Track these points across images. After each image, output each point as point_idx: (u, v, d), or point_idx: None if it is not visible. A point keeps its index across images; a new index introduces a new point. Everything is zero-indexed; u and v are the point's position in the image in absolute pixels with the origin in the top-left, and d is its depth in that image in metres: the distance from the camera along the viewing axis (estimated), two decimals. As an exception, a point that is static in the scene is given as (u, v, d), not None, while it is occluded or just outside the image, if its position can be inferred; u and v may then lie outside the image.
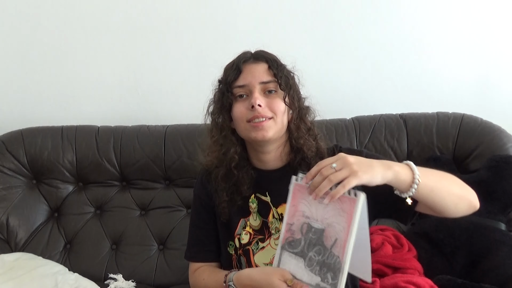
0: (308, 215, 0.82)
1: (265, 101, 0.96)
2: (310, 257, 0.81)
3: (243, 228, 1.05)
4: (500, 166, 1.43)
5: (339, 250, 0.77)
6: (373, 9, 1.73)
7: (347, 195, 0.77)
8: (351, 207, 0.77)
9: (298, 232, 0.84)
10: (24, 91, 1.82)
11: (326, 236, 0.80)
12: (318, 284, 0.79)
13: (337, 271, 0.77)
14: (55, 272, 1.45)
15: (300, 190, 0.84)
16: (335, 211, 0.79)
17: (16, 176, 1.63)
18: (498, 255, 1.30)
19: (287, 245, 0.85)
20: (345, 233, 0.77)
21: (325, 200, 0.78)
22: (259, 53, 1.02)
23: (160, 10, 1.75)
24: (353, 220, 0.76)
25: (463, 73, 1.76)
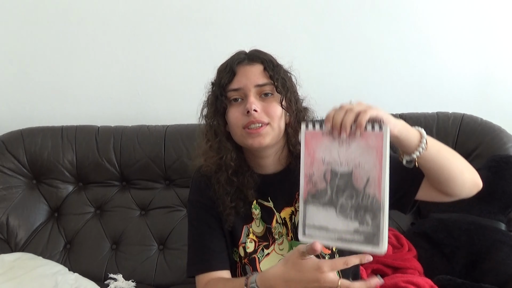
0: (330, 161, 0.77)
1: (261, 105, 0.92)
2: (341, 204, 0.76)
3: (247, 236, 1.00)
4: (500, 166, 1.43)
5: (374, 188, 0.73)
6: (373, 9, 1.72)
7: (370, 130, 0.74)
8: (379, 141, 0.73)
9: (321, 181, 0.78)
10: (24, 91, 1.82)
11: (355, 178, 0.75)
12: (357, 230, 0.75)
13: (377, 210, 0.73)
14: (55, 272, 1.45)
15: (313, 137, 0.79)
16: (361, 150, 0.75)
17: (16, 176, 1.63)
18: (498, 255, 1.30)
19: (311, 198, 0.79)
20: (377, 170, 0.73)
21: (356, 132, 0.74)
22: (254, 54, 0.97)
23: (160, 10, 1.75)
24: (383, 155, 0.73)
25: (463, 73, 1.76)
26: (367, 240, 0.74)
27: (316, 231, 0.79)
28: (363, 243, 0.74)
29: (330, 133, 0.77)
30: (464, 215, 1.41)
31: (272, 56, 0.98)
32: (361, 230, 0.74)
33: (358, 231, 0.75)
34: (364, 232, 0.74)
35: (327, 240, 0.78)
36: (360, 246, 0.74)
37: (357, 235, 0.75)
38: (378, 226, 0.73)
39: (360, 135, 0.74)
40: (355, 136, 0.75)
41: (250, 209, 1.00)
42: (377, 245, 0.73)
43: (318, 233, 0.78)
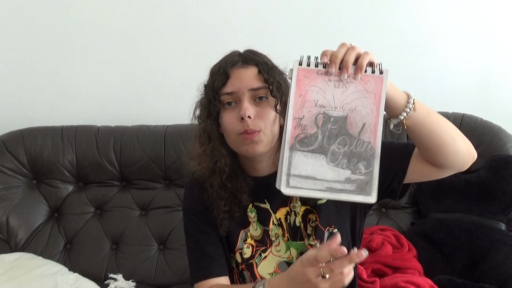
0: (323, 104, 0.72)
1: (254, 110, 0.89)
2: (333, 150, 0.72)
3: (244, 241, 0.99)
4: (500, 166, 1.43)
5: (370, 135, 0.71)
6: (373, 9, 1.73)
7: (370, 73, 0.72)
8: (378, 86, 0.71)
9: (312, 125, 0.72)
10: (24, 91, 1.82)
11: (350, 123, 0.72)
12: (349, 178, 0.72)
13: (371, 157, 0.71)
14: (55, 272, 1.45)
15: (306, 76, 0.73)
16: (358, 94, 0.72)
17: (16, 176, 1.63)
18: (498, 255, 1.30)
19: (299, 144, 0.73)
20: (374, 116, 0.71)
21: (356, 74, 0.71)
22: (248, 56, 0.93)
23: (160, 10, 1.75)
24: (381, 100, 0.71)
25: (463, 73, 1.76)
26: (359, 190, 0.71)
27: (302, 181, 0.72)
28: (354, 192, 0.72)
29: (327, 72, 0.72)
30: (464, 215, 1.41)
31: (267, 57, 0.96)
32: (353, 179, 0.72)
33: (350, 180, 0.72)
34: (356, 181, 0.71)
35: (314, 191, 0.73)
36: (350, 195, 0.72)
37: (348, 184, 0.72)
38: (371, 174, 0.71)
39: (359, 77, 0.72)
40: (354, 78, 0.72)
41: (246, 213, 0.99)
42: (369, 194, 0.71)
43: (304, 183, 0.72)
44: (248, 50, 0.97)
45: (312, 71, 0.73)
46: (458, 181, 1.46)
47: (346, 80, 0.72)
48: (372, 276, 1.29)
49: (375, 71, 0.72)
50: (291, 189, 0.72)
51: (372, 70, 0.72)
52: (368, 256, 1.37)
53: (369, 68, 0.72)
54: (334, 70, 0.72)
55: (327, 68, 0.73)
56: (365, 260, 1.34)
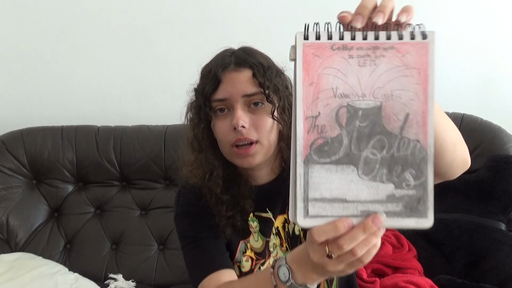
0: (345, 92, 0.50)
1: (249, 118, 0.81)
2: (366, 158, 0.51)
3: (243, 253, 0.91)
4: (500, 166, 1.43)
5: (417, 129, 0.50)
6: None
7: (408, 40, 0.50)
8: (422, 57, 0.50)
9: (333, 125, 0.51)
10: (24, 91, 1.82)
11: (387, 116, 0.51)
12: (392, 195, 0.51)
13: (422, 162, 0.50)
14: (55, 272, 1.45)
15: (318, 54, 0.51)
16: (395, 71, 0.50)
17: (16, 176, 1.63)
18: (498, 255, 1.30)
19: (316, 154, 0.51)
20: (420, 101, 0.50)
21: (392, 35, 0.49)
22: (241, 57, 0.84)
23: (160, 10, 1.75)
24: (429, 77, 0.50)
25: (463, 73, 1.76)
26: (408, 210, 0.51)
27: (326, 206, 0.51)
28: (402, 214, 0.51)
29: (346, 46, 0.50)
30: (464, 215, 1.41)
31: (263, 56, 0.87)
32: (398, 196, 0.51)
33: (394, 197, 0.51)
34: (403, 198, 0.50)
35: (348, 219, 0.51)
36: (397, 220, 0.51)
37: (392, 204, 0.51)
38: (424, 186, 0.50)
39: (395, 43, 0.50)
40: (385, 48, 0.50)
41: (247, 222, 0.91)
42: (424, 216, 0.51)
43: (330, 209, 0.51)
44: (242, 49, 0.88)
45: (324, 46, 0.51)
46: (458, 181, 1.45)
47: (375, 53, 0.50)
48: (372, 276, 1.29)
49: (415, 36, 0.50)
50: (312, 220, 0.51)
51: (411, 35, 0.50)
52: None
53: (407, 33, 0.50)
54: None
55: (344, 34, 0.50)
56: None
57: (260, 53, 0.88)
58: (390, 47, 0.50)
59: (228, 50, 0.88)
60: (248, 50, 0.88)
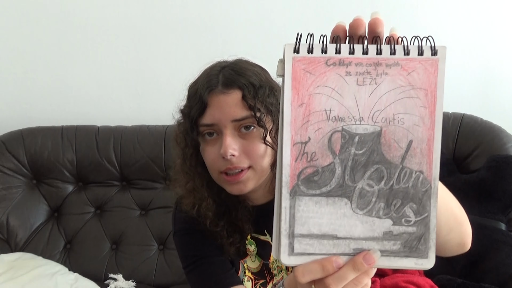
0: (340, 114, 0.44)
1: (240, 144, 0.75)
2: (361, 190, 0.45)
3: (244, 273, 0.89)
4: (500, 166, 1.43)
5: (421, 159, 0.44)
6: (373, 8, 1.72)
7: (415, 55, 0.44)
8: (431, 76, 0.44)
9: (325, 152, 0.44)
10: (24, 91, 1.82)
11: (387, 143, 0.44)
12: (390, 232, 0.45)
13: (424, 197, 0.44)
14: (55, 272, 1.45)
15: (309, 70, 0.44)
16: (398, 92, 0.44)
17: (16, 176, 1.63)
18: (498, 255, 1.29)
19: (304, 185, 0.45)
20: (426, 127, 0.44)
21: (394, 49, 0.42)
22: (230, 77, 0.77)
23: (160, 11, 1.75)
24: (438, 99, 0.44)
25: (463, 73, 1.76)
26: (408, 249, 0.45)
27: (314, 243, 0.45)
28: (400, 254, 0.45)
29: (343, 61, 0.43)
30: (464, 215, 1.41)
31: (254, 73, 0.79)
32: (396, 233, 0.45)
33: (392, 234, 0.45)
34: (401, 236, 0.45)
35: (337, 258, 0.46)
36: (394, 259, 0.45)
37: (389, 242, 0.45)
38: (426, 223, 0.45)
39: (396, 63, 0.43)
40: (389, 64, 0.43)
41: (244, 244, 0.87)
42: (424, 256, 0.45)
43: (318, 247, 0.45)
44: (232, 66, 0.80)
45: (317, 61, 0.44)
46: (458, 181, 1.46)
47: (377, 70, 0.43)
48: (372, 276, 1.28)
49: (423, 52, 0.44)
50: (298, 258, 0.45)
51: (419, 49, 0.44)
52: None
53: (414, 48, 0.44)
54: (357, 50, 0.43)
55: (339, 48, 0.43)
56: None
57: (252, 69, 0.80)
58: (394, 64, 0.44)
59: (216, 67, 0.81)
60: (238, 66, 0.80)
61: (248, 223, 0.84)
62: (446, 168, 1.50)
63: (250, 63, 0.82)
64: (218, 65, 0.81)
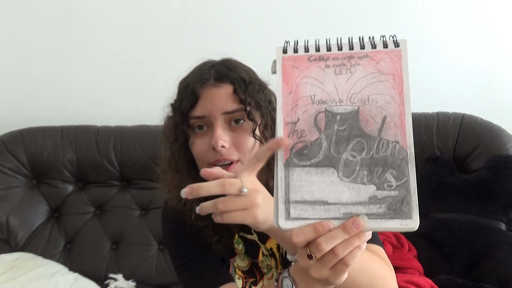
0: (323, 98, 0.53)
1: (230, 136, 0.77)
2: (345, 160, 0.51)
3: (234, 271, 0.89)
4: (500, 166, 1.43)
5: (395, 131, 0.51)
6: (373, 8, 1.73)
7: (381, 48, 0.55)
8: (396, 64, 0.54)
9: (312, 129, 0.53)
10: (24, 91, 1.82)
11: (364, 119, 0.52)
12: (375, 196, 0.50)
13: (402, 163, 0.51)
14: (55, 272, 1.45)
15: (296, 65, 0.55)
16: (370, 78, 0.53)
17: (16, 176, 1.63)
18: (498, 255, 1.30)
19: (296, 157, 0.52)
20: (397, 104, 0.52)
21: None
22: (221, 71, 0.80)
23: (160, 10, 1.75)
24: (404, 81, 0.53)
25: (463, 73, 1.76)
26: (392, 212, 0.50)
27: (308, 208, 0.51)
28: (385, 216, 0.50)
29: (322, 57, 0.55)
30: (464, 215, 1.41)
31: (244, 70, 0.82)
32: (380, 197, 0.50)
33: (376, 198, 0.50)
34: (385, 199, 0.50)
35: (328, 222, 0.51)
36: (381, 221, 0.50)
37: (375, 206, 0.50)
38: (406, 187, 0.50)
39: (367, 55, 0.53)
40: (360, 57, 0.54)
41: (232, 244, 0.88)
42: (408, 217, 0.50)
43: (311, 212, 0.51)
44: (223, 62, 0.83)
45: (302, 58, 0.55)
46: (458, 181, 1.46)
47: (350, 62, 0.54)
48: (372, 276, 1.28)
49: (388, 45, 0.55)
50: (294, 222, 0.51)
51: (384, 43, 0.55)
52: (368, 256, 1.37)
53: (379, 42, 0.55)
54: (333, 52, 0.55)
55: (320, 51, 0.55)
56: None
57: (242, 67, 0.83)
58: (364, 56, 0.54)
59: (207, 63, 0.84)
60: (229, 63, 0.83)
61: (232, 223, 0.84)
62: (446, 168, 1.50)
63: (240, 62, 0.85)
64: (209, 62, 0.84)
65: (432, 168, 1.51)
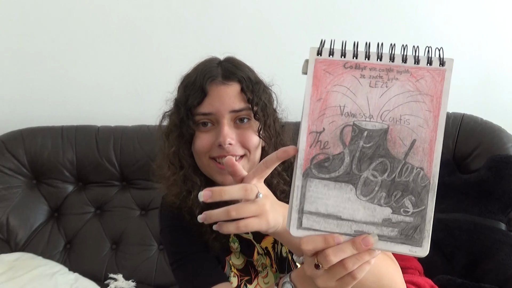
0: (353, 111, 0.51)
1: (235, 133, 0.78)
2: (366, 179, 0.50)
3: (230, 269, 0.89)
4: (500, 166, 1.43)
5: (422, 157, 0.49)
6: (374, 8, 1.73)
7: (424, 65, 0.50)
8: (437, 85, 0.50)
9: (336, 142, 0.51)
10: (24, 91, 1.82)
11: (392, 140, 0.50)
12: (389, 219, 0.50)
13: (423, 191, 0.49)
14: (55, 272, 1.45)
15: (329, 70, 0.51)
16: (407, 96, 0.50)
17: (16, 176, 1.63)
18: (498, 255, 1.30)
19: (316, 169, 0.51)
20: (429, 129, 0.50)
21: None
22: (230, 69, 0.80)
23: (160, 10, 1.75)
24: (442, 105, 0.50)
25: (463, 73, 1.76)
26: (404, 237, 0.50)
27: (320, 221, 0.51)
28: (396, 240, 0.50)
29: (359, 65, 0.51)
30: (464, 215, 1.41)
31: (250, 69, 0.83)
32: (394, 221, 0.50)
33: (390, 222, 0.50)
34: (399, 224, 0.50)
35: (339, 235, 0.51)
36: (390, 244, 0.50)
37: (387, 229, 0.50)
38: (423, 215, 0.50)
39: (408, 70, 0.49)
40: (399, 71, 0.50)
41: (228, 242, 0.88)
42: (419, 245, 0.50)
43: (323, 224, 0.51)
44: (229, 60, 0.84)
45: (337, 64, 0.51)
46: (458, 181, 1.46)
47: (388, 75, 0.50)
48: (372, 276, 1.28)
49: (432, 62, 0.50)
50: (305, 231, 0.51)
51: (428, 59, 0.50)
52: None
53: (424, 58, 0.50)
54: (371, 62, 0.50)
55: (358, 58, 0.51)
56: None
57: (247, 66, 0.83)
58: (404, 71, 0.50)
59: (213, 60, 0.84)
60: (236, 62, 0.83)
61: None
62: (446, 168, 1.50)
63: (242, 61, 0.85)
64: (214, 59, 0.84)
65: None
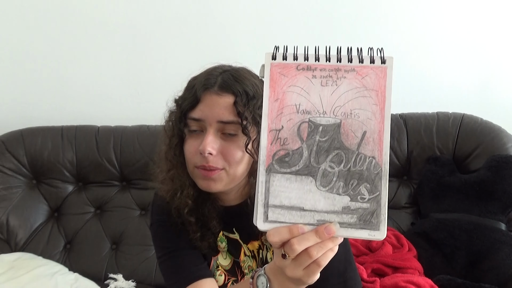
0: (307, 109, 0.55)
1: (219, 145, 0.78)
2: (324, 171, 0.55)
3: (216, 267, 0.91)
4: (500, 166, 1.43)
5: (373, 147, 0.54)
6: (373, 9, 1.73)
7: (368, 64, 0.55)
8: (380, 80, 0.55)
9: (294, 138, 0.55)
10: (24, 91, 1.82)
11: (345, 133, 0.55)
12: (348, 207, 0.54)
13: (376, 178, 0.54)
14: (55, 272, 1.45)
15: (284, 73, 0.56)
16: (354, 92, 0.55)
17: (16, 176, 1.63)
18: (498, 255, 1.30)
19: (278, 164, 0.55)
20: (377, 121, 0.54)
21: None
22: (227, 81, 0.79)
23: (160, 11, 1.75)
24: (387, 99, 0.55)
25: (463, 73, 1.76)
26: (362, 222, 0.54)
27: (285, 213, 0.55)
28: (356, 226, 0.54)
29: (310, 67, 0.55)
30: (464, 215, 1.41)
31: (252, 83, 0.81)
32: (353, 208, 0.54)
33: (349, 209, 0.54)
34: (357, 210, 0.54)
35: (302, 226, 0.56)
36: (351, 230, 0.54)
37: (347, 216, 0.54)
38: (378, 200, 0.54)
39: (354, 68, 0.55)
40: (346, 70, 0.55)
41: (216, 241, 0.90)
42: (376, 228, 0.54)
43: (288, 216, 0.55)
44: (233, 71, 0.83)
45: (290, 66, 0.56)
46: (458, 181, 1.46)
47: (337, 74, 0.55)
48: (372, 275, 1.29)
49: (374, 61, 0.55)
50: (271, 224, 0.55)
51: (371, 59, 0.55)
52: (368, 256, 1.37)
53: (367, 57, 0.55)
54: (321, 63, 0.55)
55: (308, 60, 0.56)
56: (365, 260, 1.35)
57: (251, 80, 0.82)
58: (351, 70, 0.55)
59: (217, 69, 0.84)
60: (238, 74, 0.82)
61: (214, 221, 0.87)
62: (446, 168, 1.50)
63: (252, 74, 0.84)
64: (221, 67, 0.84)
65: (432, 168, 1.51)
